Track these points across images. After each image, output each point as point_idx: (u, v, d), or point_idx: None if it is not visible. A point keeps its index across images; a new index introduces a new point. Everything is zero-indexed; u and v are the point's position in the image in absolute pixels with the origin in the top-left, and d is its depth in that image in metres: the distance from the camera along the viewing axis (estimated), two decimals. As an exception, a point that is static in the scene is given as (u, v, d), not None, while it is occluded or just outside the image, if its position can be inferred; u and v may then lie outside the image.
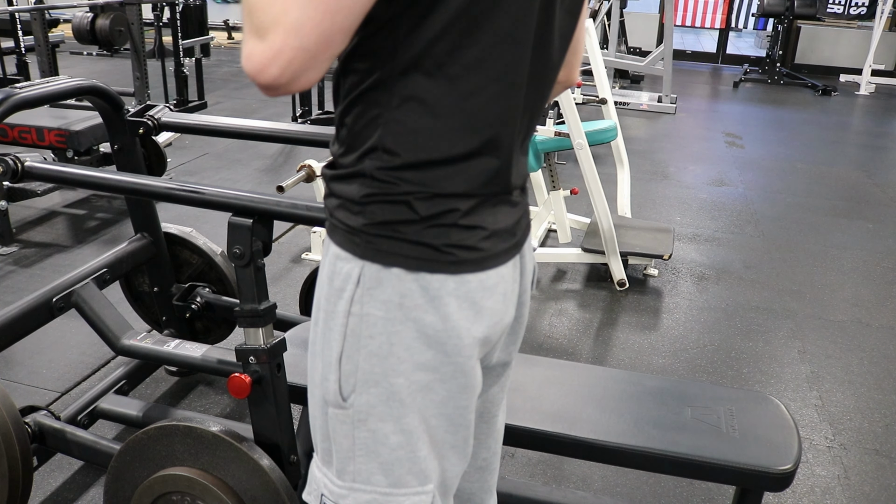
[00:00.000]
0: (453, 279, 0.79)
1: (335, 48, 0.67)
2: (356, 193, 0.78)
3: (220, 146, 4.92)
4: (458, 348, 0.81)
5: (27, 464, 1.52)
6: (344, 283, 0.80)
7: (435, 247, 0.77)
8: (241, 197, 1.35)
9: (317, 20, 0.64)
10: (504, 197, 0.84)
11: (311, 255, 3.37)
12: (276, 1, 0.64)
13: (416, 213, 0.77)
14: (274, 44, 0.64)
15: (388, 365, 0.80)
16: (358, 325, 0.80)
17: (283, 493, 1.37)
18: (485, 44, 0.73)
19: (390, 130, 0.75)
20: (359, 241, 0.78)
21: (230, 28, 10.05)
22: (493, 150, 0.79)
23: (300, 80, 0.67)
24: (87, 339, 2.50)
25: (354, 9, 0.66)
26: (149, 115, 1.89)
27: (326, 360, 0.84)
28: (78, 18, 4.96)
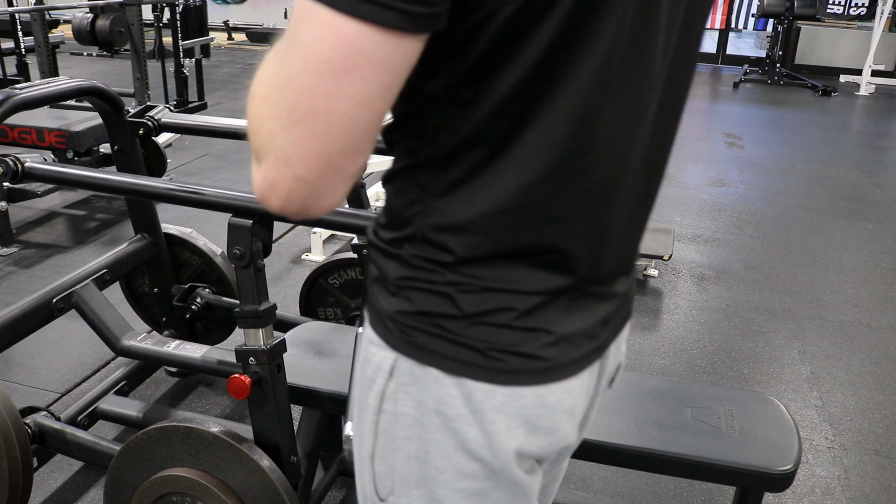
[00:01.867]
0: (502, 391, 0.65)
1: (346, 171, 0.56)
2: (391, 273, 0.67)
3: (220, 147, 4.92)
4: (506, 468, 0.68)
5: (27, 465, 1.52)
6: (374, 373, 0.70)
7: (480, 350, 0.65)
8: (241, 198, 1.35)
9: (308, 147, 0.54)
10: (587, 290, 0.69)
11: (311, 255, 3.37)
12: (265, 122, 0.55)
13: (459, 309, 0.64)
14: (268, 173, 0.56)
15: (428, 472, 0.70)
16: (391, 424, 0.69)
17: (283, 494, 1.37)
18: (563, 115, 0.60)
19: (432, 221, 0.64)
20: (392, 329, 0.67)
21: (230, 29, 10.06)
22: (571, 242, 0.66)
23: (315, 208, 0.58)
24: (87, 340, 2.50)
25: (356, 128, 0.54)
26: (149, 115, 1.89)
27: (360, 454, 0.74)
28: (78, 19, 4.96)
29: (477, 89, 0.59)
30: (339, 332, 1.84)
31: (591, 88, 0.60)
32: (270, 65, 0.57)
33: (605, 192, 0.66)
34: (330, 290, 2.23)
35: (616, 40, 0.59)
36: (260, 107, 0.57)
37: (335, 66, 0.51)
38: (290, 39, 0.53)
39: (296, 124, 0.53)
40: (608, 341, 0.74)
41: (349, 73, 0.52)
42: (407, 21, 0.51)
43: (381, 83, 0.53)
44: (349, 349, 1.38)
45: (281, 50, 0.55)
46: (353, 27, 0.50)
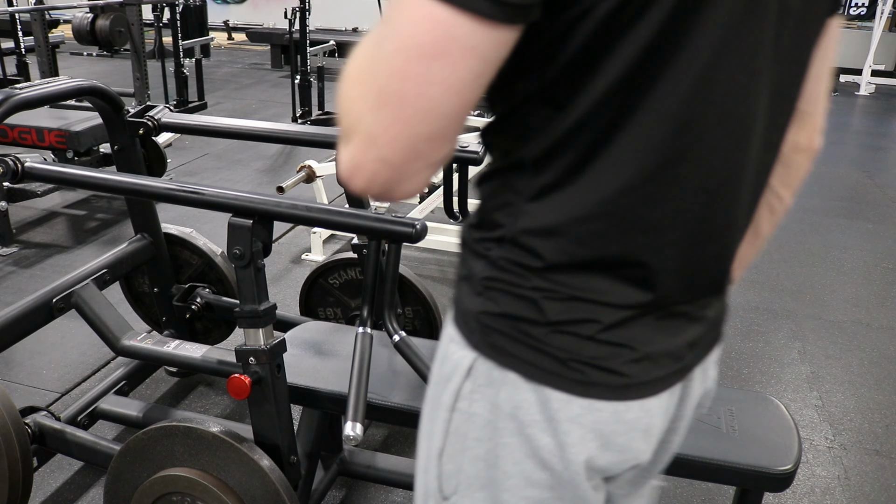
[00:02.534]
0: (579, 403, 0.64)
1: (429, 158, 0.56)
2: (479, 272, 0.67)
3: (219, 147, 4.93)
4: (574, 480, 0.67)
5: (27, 464, 1.52)
6: (452, 371, 0.69)
7: (560, 359, 0.64)
8: (241, 198, 1.35)
9: (395, 130, 0.54)
10: (675, 309, 0.68)
11: (311, 255, 3.37)
12: (355, 103, 0.56)
13: (543, 315, 0.64)
14: (355, 153, 0.57)
15: (495, 476, 0.69)
16: (464, 424, 0.69)
17: (283, 494, 1.37)
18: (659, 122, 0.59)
19: (523, 224, 0.64)
20: (474, 329, 0.67)
21: (230, 29, 10.06)
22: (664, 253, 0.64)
23: (394, 192, 0.58)
24: (87, 340, 2.50)
25: (443, 114, 0.54)
26: (149, 115, 1.89)
27: (428, 451, 0.74)
28: (78, 19, 4.96)
29: (572, 90, 0.58)
30: (339, 332, 1.84)
31: (691, 92, 0.59)
32: (365, 48, 0.57)
33: (703, 204, 0.64)
34: (330, 290, 2.23)
35: (719, 42, 0.58)
36: (351, 88, 0.57)
37: (427, 50, 0.52)
38: (385, 23, 0.54)
39: (385, 106, 0.54)
40: (693, 364, 0.72)
41: (440, 59, 0.52)
42: (499, 11, 0.52)
43: (471, 70, 0.53)
44: (349, 349, 1.38)
45: (376, 34, 0.55)
46: (448, 13, 0.51)
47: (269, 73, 7.90)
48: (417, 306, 2.13)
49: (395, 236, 1.31)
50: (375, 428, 2.19)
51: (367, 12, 9.68)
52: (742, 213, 0.70)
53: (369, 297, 1.38)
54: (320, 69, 5.69)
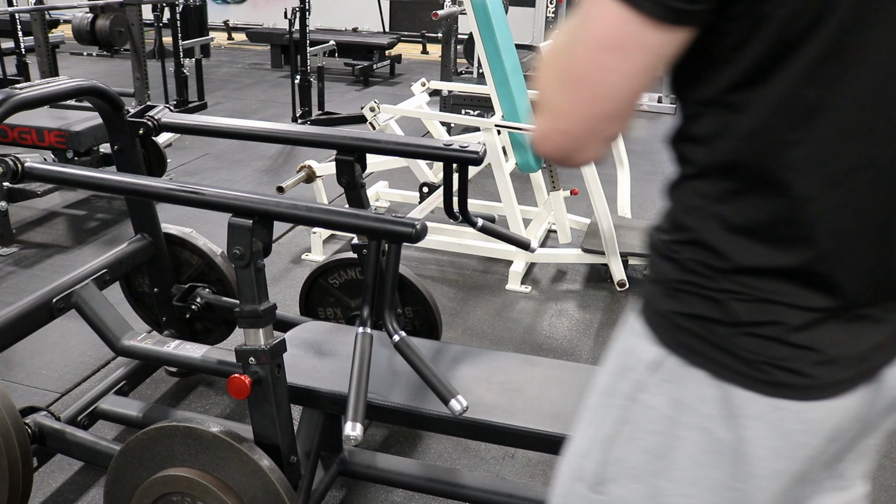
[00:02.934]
0: (764, 401, 0.67)
1: (604, 132, 0.66)
2: (670, 275, 0.71)
3: (220, 147, 4.93)
4: (749, 476, 0.69)
5: (27, 464, 1.52)
6: (636, 363, 0.73)
7: (746, 360, 0.67)
8: (241, 198, 1.35)
9: (576, 108, 0.65)
10: (861, 312, 0.68)
11: (311, 255, 3.37)
12: (548, 83, 0.67)
13: (731, 316, 0.67)
14: (544, 125, 0.67)
15: (661, 466, 0.72)
16: (640, 415, 0.73)
17: (283, 494, 1.37)
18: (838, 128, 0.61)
19: (711, 228, 0.67)
20: (665, 327, 0.71)
21: (230, 29, 10.06)
22: (847, 260, 0.66)
23: (573, 159, 0.68)
24: (87, 340, 2.50)
25: (616, 97, 0.63)
26: (149, 115, 1.89)
27: (592, 437, 0.77)
28: (78, 19, 4.96)
29: (749, 95, 0.63)
30: (339, 332, 1.84)
31: (873, 98, 0.61)
32: (562, 36, 0.67)
33: (889, 210, 0.65)
34: (330, 290, 2.23)
35: None
36: (547, 70, 0.67)
37: (606, 43, 0.62)
38: (580, 17, 0.64)
39: (569, 88, 0.64)
40: (880, 366, 0.71)
41: (617, 52, 0.62)
42: (668, 13, 0.60)
43: (642, 64, 0.62)
44: (349, 349, 1.38)
45: (573, 25, 0.65)
46: (625, 13, 0.60)
47: (269, 73, 7.90)
48: (417, 306, 2.13)
49: (395, 236, 1.31)
50: (375, 428, 2.19)
51: (367, 12, 9.70)
52: None
53: (369, 297, 1.38)
54: (320, 69, 5.68)
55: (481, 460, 2.07)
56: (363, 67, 7.43)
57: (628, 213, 3.60)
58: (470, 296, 3.07)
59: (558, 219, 3.35)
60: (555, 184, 3.24)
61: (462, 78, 6.23)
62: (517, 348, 2.68)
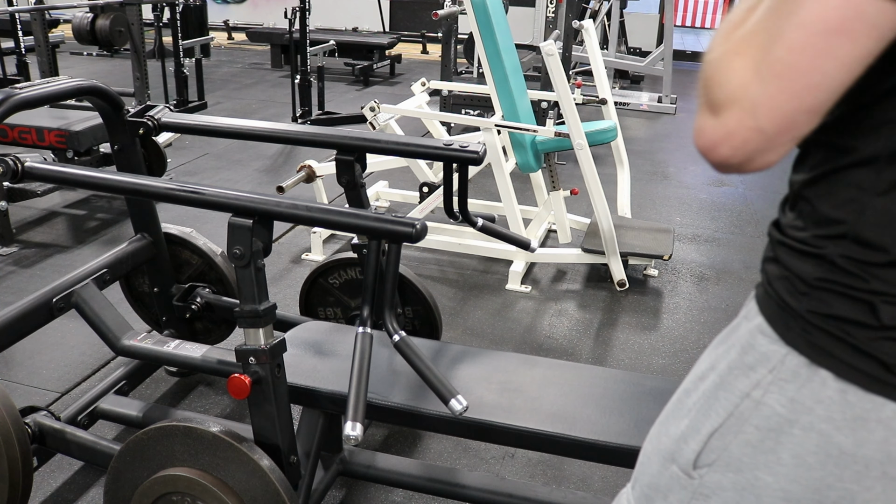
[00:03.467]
0: (892, 407, 0.65)
1: (799, 130, 0.59)
2: (809, 273, 0.68)
3: (220, 146, 4.93)
4: (859, 477, 0.68)
5: (27, 464, 1.52)
6: (757, 362, 0.71)
7: (885, 363, 0.65)
8: (242, 197, 1.35)
9: (779, 100, 0.57)
10: None
11: (311, 255, 3.37)
12: (736, 74, 0.59)
13: (878, 319, 0.64)
14: (728, 122, 0.59)
15: (763, 460, 0.71)
16: (751, 411, 0.71)
17: (283, 494, 1.37)
18: None
19: (871, 220, 0.64)
20: (793, 326, 0.69)
21: (230, 28, 10.06)
22: None
23: (754, 163, 0.61)
24: (87, 340, 2.50)
25: (828, 88, 0.57)
26: (149, 115, 1.89)
27: (695, 425, 0.76)
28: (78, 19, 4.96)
29: None
30: (339, 331, 1.84)
31: None
32: (749, 20, 0.60)
33: None
34: (330, 290, 2.23)
35: None
36: (730, 60, 0.60)
37: (832, 25, 0.54)
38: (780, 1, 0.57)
39: (775, 78, 0.56)
40: None
41: (843, 35, 0.54)
42: None
43: (868, 48, 0.55)
44: (349, 349, 1.38)
45: (770, 6, 0.58)
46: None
47: (269, 73, 7.90)
48: (417, 306, 2.13)
49: (395, 236, 1.31)
50: (375, 428, 2.19)
51: (367, 12, 9.70)
52: None
53: (369, 297, 1.38)
54: (320, 69, 5.69)
55: (481, 460, 2.07)
56: (363, 67, 7.43)
57: (628, 213, 3.60)
58: (470, 296, 3.07)
59: (558, 219, 3.35)
60: (555, 184, 3.24)
61: (462, 78, 6.23)
62: (517, 348, 2.68)
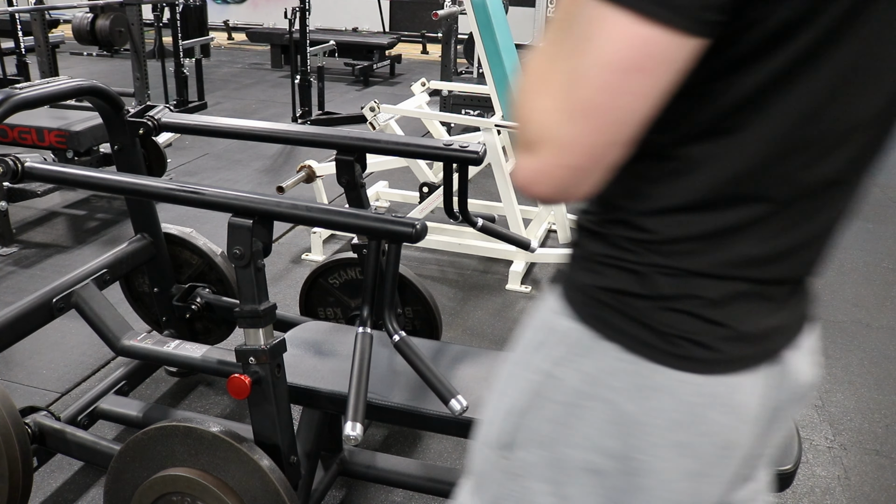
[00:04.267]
0: (671, 374, 0.68)
1: (609, 161, 0.61)
2: (595, 251, 0.72)
3: (219, 147, 4.93)
4: (650, 447, 0.70)
5: (27, 464, 1.52)
6: (548, 338, 0.74)
7: (660, 332, 0.68)
8: (241, 198, 1.35)
9: (586, 138, 0.59)
10: (768, 290, 0.71)
11: (311, 255, 3.37)
12: (547, 115, 0.60)
13: (651, 289, 0.68)
14: (542, 162, 0.61)
15: (564, 434, 0.73)
16: (549, 388, 0.74)
17: (283, 494, 1.37)
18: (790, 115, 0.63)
19: (642, 207, 0.68)
20: (580, 301, 0.72)
21: (230, 29, 10.06)
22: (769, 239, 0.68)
23: (571, 195, 0.63)
24: (87, 340, 2.50)
25: (632, 122, 0.59)
26: (149, 115, 1.89)
27: (498, 405, 0.79)
28: (78, 19, 4.96)
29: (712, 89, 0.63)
30: (339, 332, 1.84)
31: (822, 93, 0.62)
32: (547, 60, 0.61)
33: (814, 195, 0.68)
34: (330, 290, 2.23)
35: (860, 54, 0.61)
36: (536, 100, 0.61)
37: (629, 64, 0.56)
38: (578, 39, 0.57)
39: (581, 117, 0.58)
40: (778, 348, 0.74)
41: (640, 72, 0.56)
42: (699, 26, 0.55)
43: (665, 81, 0.58)
44: (349, 349, 1.38)
45: (565, 48, 0.59)
46: (650, 31, 0.55)
47: (269, 73, 7.90)
48: (417, 306, 2.13)
49: (395, 236, 1.31)
50: (375, 428, 2.19)
51: (367, 12, 9.70)
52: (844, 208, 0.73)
53: (369, 297, 1.38)
54: (320, 69, 5.69)
55: (481, 460, 2.07)
56: (363, 67, 7.43)
57: (628, 213, 3.59)
58: (470, 296, 3.07)
59: (558, 218, 3.35)
60: (555, 184, 3.23)
61: (462, 78, 6.24)
62: (517, 348, 2.67)
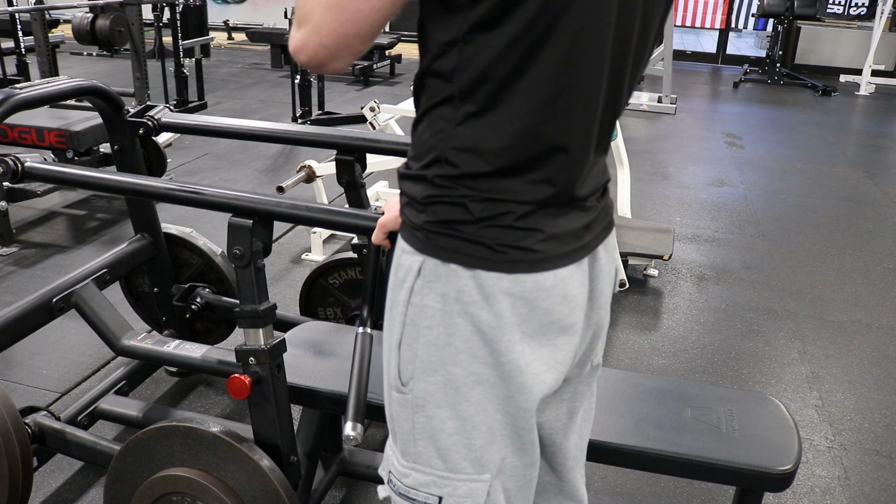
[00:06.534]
0: (507, 278, 0.81)
1: (354, 48, 0.78)
2: (419, 194, 0.84)
3: (220, 147, 4.93)
4: (510, 345, 0.82)
5: (27, 464, 1.52)
6: (406, 274, 0.85)
7: (490, 246, 0.81)
8: (242, 198, 1.35)
9: (333, 26, 0.75)
10: (568, 202, 0.85)
11: (311, 255, 3.37)
12: (312, 2, 0.76)
13: (472, 215, 0.81)
14: (302, 36, 0.77)
15: (446, 354, 0.84)
16: (417, 314, 0.84)
17: (283, 494, 1.37)
18: (551, 62, 0.76)
19: (451, 145, 0.81)
20: (420, 237, 0.83)
21: (230, 29, 10.06)
22: (555, 163, 0.82)
23: (327, 68, 0.79)
24: (87, 340, 2.50)
25: (368, 22, 0.76)
26: (149, 115, 1.89)
27: (389, 346, 0.89)
28: (78, 19, 4.96)
29: (484, 38, 0.75)
30: (339, 332, 1.84)
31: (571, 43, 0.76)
32: None
33: (582, 127, 0.82)
34: (330, 290, 2.23)
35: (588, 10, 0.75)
36: None
37: None
38: None
39: (330, 9, 0.75)
40: (593, 244, 0.90)
41: None
42: None
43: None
44: (349, 349, 1.38)
45: None
46: None
47: (269, 73, 7.90)
48: (417, 306, 2.13)
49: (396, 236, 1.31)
50: (375, 428, 2.19)
51: (367, 12, 9.68)
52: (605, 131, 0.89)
53: (369, 297, 1.38)
54: (320, 69, 5.68)
55: (481, 460, 2.07)
56: (363, 67, 7.43)
57: (628, 213, 3.60)
58: (470, 296, 3.06)
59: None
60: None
61: (462, 78, 6.23)
62: (517, 348, 2.67)
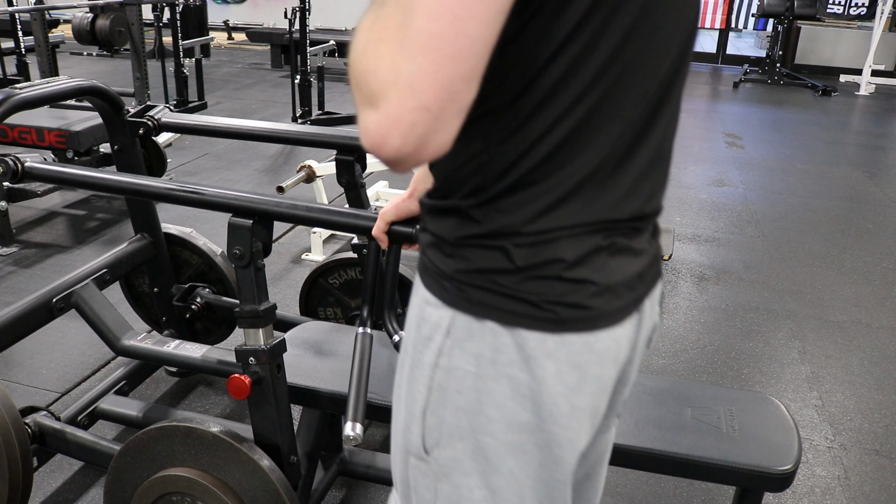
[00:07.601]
0: (553, 339, 0.70)
1: (461, 100, 0.57)
2: (450, 233, 0.72)
3: (220, 147, 4.93)
4: (553, 416, 0.72)
5: (27, 464, 1.52)
6: (432, 331, 0.74)
7: (532, 302, 0.69)
8: (241, 198, 1.35)
9: (432, 72, 0.55)
10: (623, 242, 0.74)
11: (311, 255, 3.37)
12: (384, 59, 0.56)
13: (513, 263, 0.69)
14: (390, 110, 0.56)
15: (477, 422, 0.74)
16: (445, 378, 0.74)
17: (283, 494, 1.37)
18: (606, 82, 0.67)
19: (490, 166, 0.68)
20: (449, 288, 0.72)
21: (230, 28, 10.06)
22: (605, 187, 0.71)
23: (428, 147, 0.58)
24: (87, 340, 2.50)
25: (476, 50, 0.56)
26: (149, 115, 1.89)
27: (410, 411, 0.79)
28: (78, 19, 4.97)
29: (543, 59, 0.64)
30: (339, 332, 1.84)
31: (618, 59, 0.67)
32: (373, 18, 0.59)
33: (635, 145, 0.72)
34: (330, 290, 2.23)
35: None
36: (374, 50, 0.57)
37: None
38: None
39: (423, 50, 0.54)
40: (644, 294, 0.78)
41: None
42: None
43: (501, 2, 0.56)
44: (349, 349, 1.38)
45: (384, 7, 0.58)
46: None
47: (269, 73, 7.90)
48: (417, 306, 2.13)
49: (395, 237, 1.31)
50: (375, 428, 2.19)
51: (367, 12, 9.69)
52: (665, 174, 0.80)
53: (369, 297, 1.38)
54: (320, 69, 5.68)
55: (481, 460, 2.07)
56: (363, 67, 7.42)
57: (628, 213, 3.59)
58: (470, 296, 3.06)
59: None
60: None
61: (462, 78, 6.22)
62: (517, 348, 2.67)
